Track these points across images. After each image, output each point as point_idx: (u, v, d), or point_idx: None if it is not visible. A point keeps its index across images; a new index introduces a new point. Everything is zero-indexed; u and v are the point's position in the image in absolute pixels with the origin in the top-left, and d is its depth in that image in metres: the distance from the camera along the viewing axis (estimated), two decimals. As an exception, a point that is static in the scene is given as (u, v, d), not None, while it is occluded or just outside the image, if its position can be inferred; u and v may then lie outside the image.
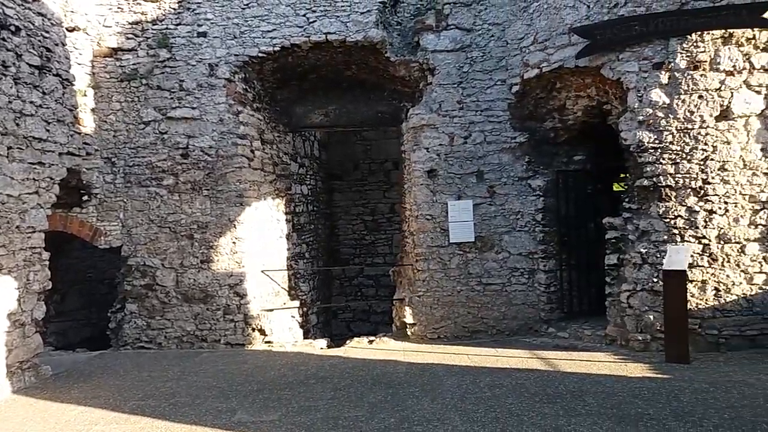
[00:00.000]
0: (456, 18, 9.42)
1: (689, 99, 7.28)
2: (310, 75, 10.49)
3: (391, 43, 9.63)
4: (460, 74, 9.40)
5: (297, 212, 11.79)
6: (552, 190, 9.29)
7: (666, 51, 7.36)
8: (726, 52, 7.14)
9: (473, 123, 9.35)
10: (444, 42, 9.41)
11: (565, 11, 8.25)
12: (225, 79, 9.44)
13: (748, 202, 7.19)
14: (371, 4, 9.40)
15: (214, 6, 9.55)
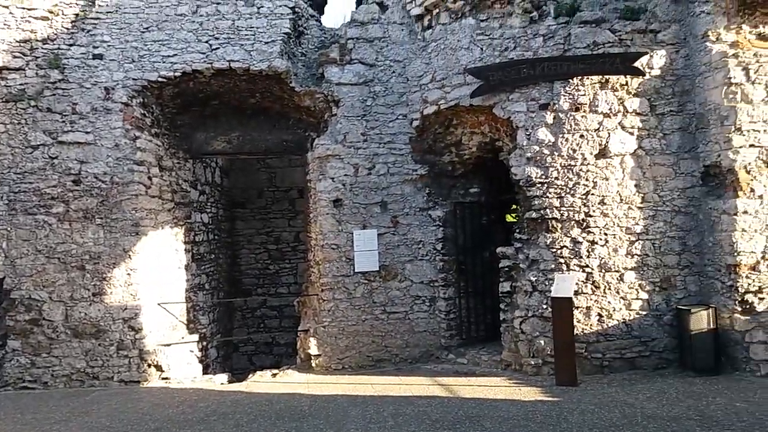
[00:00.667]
0: (359, 53, 9.69)
1: (572, 138, 7.91)
2: (213, 101, 10.36)
3: (296, 74, 9.74)
4: (364, 107, 9.65)
5: (197, 241, 11.47)
6: (451, 220, 9.69)
7: (551, 93, 7.99)
8: (603, 96, 7.86)
9: (377, 155, 9.60)
10: (348, 75, 9.64)
11: (460, 52, 8.73)
12: (122, 103, 9.12)
13: (625, 234, 7.86)
14: (276, 35, 9.47)
15: (112, 28, 9.26)
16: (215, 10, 9.44)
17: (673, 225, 7.88)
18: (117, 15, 9.29)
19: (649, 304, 7.86)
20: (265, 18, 9.51)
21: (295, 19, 9.73)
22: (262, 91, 10.10)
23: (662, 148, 7.90)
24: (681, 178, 7.90)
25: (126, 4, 9.30)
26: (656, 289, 7.87)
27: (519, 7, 8.35)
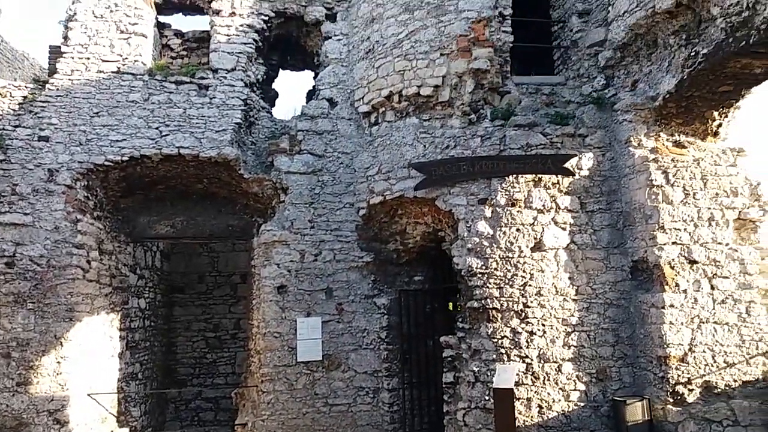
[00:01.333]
0: (309, 144, 10.01)
1: (509, 231, 8.28)
2: (159, 185, 10.36)
3: (245, 161, 9.91)
4: (312, 195, 9.85)
5: (132, 328, 11.07)
6: (395, 308, 9.76)
7: (489, 189, 8.42)
8: (537, 193, 8.34)
9: (324, 241, 9.71)
10: (297, 164, 9.89)
11: (405, 148, 9.16)
12: (65, 185, 9.03)
13: (562, 325, 8.13)
14: (227, 124, 9.72)
15: (61, 111, 9.30)
16: (167, 98, 9.65)
17: (607, 317, 8.22)
18: (67, 99, 9.37)
19: (587, 396, 8.02)
20: (217, 108, 9.78)
21: (247, 110, 10.04)
22: (209, 177, 10.20)
23: (593, 243, 8.36)
24: (612, 272, 8.33)
25: (77, 89, 9.42)
26: (593, 380, 8.07)
27: (458, 110, 8.91)
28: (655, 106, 8.05)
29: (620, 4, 8.46)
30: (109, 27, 9.72)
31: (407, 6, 9.38)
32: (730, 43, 6.88)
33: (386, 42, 9.53)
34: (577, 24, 9.32)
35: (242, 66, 10.05)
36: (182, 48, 12.09)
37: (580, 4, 9.33)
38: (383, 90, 9.45)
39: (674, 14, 7.53)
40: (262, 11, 10.32)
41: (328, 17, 10.53)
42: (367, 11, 9.96)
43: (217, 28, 10.15)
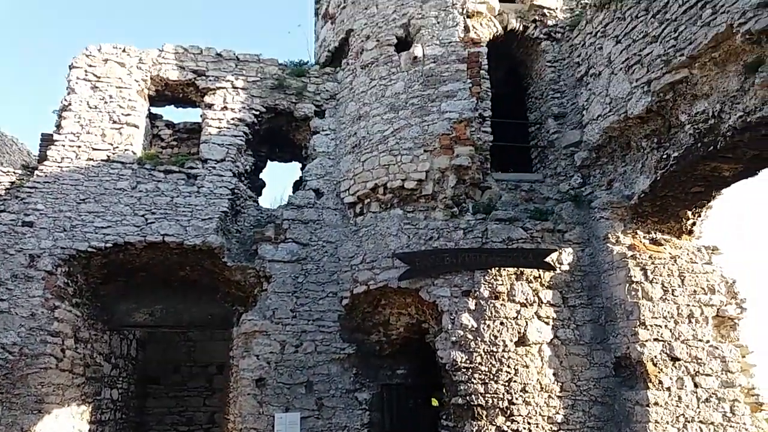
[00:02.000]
0: (294, 233, 10.10)
1: (493, 324, 8.29)
2: (141, 272, 10.29)
3: (230, 249, 9.93)
4: (295, 284, 9.82)
5: (103, 421, 10.60)
6: (377, 403, 9.51)
7: (472, 281, 8.50)
8: (519, 287, 8.43)
9: (305, 332, 9.58)
10: (281, 253, 9.93)
11: (389, 238, 9.29)
12: (46, 271, 8.95)
13: (547, 423, 7.97)
14: (213, 213, 9.81)
15: (47, 198, 9.37)
16: (155, 186, 9.79)
17: (592, 415, 8.10)
18: (55, 185, 9.47)
19: (574, 498, 7.76)
20: (204, 197, 9.91)
21: (234, 199, 10.18)
22: (192, 264, 10.17)
23: (576, 339, 8.38)
24: (596, 368, 8.30)
25: (66, 175, 9.54)
26: (580, 482, 7.83)
27: (441, 203, 9.15)
28: (630, 204, 8.35)
29: (594, 109, 8.96)
30: (102, 117, 9.99)
31: (393, 106, 9.82)
32: (698, 147, 7.27)
33: (372, 138, 9.89)
34: (553, 126, 9.81)
35: (231, 157, 10.29)
36: (173, 138, 12.40)
37: (556, 108, 9.86)
38: (369, 182, 9.70)
39: (645, 119, 7.98)
40: (254, 106, 10.70)
41: (317, 113, 10.94)
42: (355, 109, 10.40)
43: (208, 121, 10.47)
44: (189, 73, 10.67)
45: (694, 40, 7.02)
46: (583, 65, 9.35)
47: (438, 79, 9.67)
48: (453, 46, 9.80)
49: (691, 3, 7.10)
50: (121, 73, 10.35)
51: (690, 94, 7.35)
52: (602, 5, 8.94)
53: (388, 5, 10.44)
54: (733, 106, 6.78)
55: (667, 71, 7.43)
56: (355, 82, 10.55)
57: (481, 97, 9.55)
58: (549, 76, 10.01)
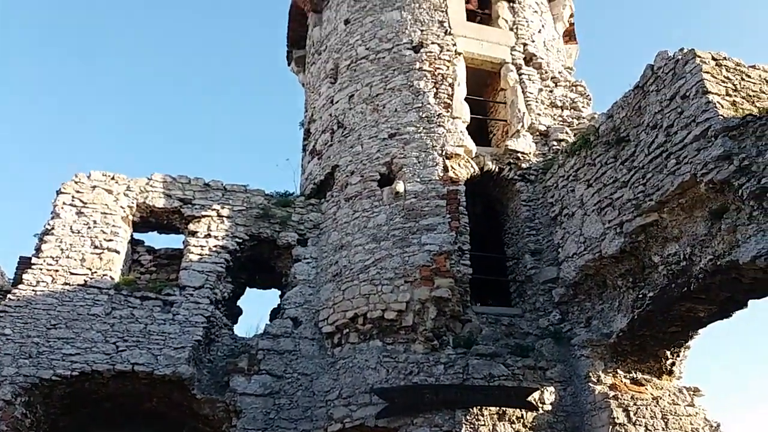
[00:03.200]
0: (268, 364, 9.80)
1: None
2: (106, 403, 9.77)
3: (200, 380, 9.55)
4: (266, 420, 9.35)
5: None
6: None
7: (453, 421, 8.21)
8: (502, 428, 8.16)
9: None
10: (254, 386, 9.56)
11: (367, 371, 9.07)
12: (4, 400, 8.44)
13: None
14: (186, 341, 9.55)
15: (17, 322, 9.09)
16: (130, 313, 9.59)
17: None
18: (26, 310, 9.22)
19: None
20: (179, 324, 9.69)
21: (209, 327, 9.97)
22: (160, 396, 9.73)
23: (561, 485, 7.99)
24: None
25: (39, 300, 9.34)
26: None
27: (422, 336, 9.08)
28: (610, 343, 8.38)
29: (569, 247, 9.25)
30: (84, 242, 10.00)
31: (375, 237, 10.04)
32: (673, 288, 7.46)
33: (354, 267, 9.99)
34: (530, 262, 10.04)
35: (210, 284, 10.23)
36: (152, 264, 12.32)
37: (532, 244, 10.15)
38: (348, 312, 9.65)
39: (619, 259, 8.24)
40: (237, 234, 10.83)
41: (300, 242, 11.08)
42: (337, 239, 10.59)
43: (190, 248, 10.51)
44: (175, 201, 10.88)
45: (661, 186, 7.46)
46: (557, 206, 9.77)
47: (419, 213, 9.99)
48: (433, 184, 10.24)
49: (656, 153, 7.63)
50: (108, 200, 10.52)
51: (661, 236, 7.67)
52: (573, 151, 9.54)
53: (372, 145, 11.01)
54: (703, 250, 7.06)
55: (638, 215, 7.79)
56: (339, 213, 10.84)
57: (460, 231, 9.84)
58: (524, 215, 10.40)
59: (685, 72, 7.42)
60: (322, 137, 12.13)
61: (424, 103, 10.98)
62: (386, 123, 11.07)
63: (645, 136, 7.89)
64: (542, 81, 11.70)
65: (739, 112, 6.92)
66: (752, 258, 6.27)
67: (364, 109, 11.44)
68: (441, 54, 11.46)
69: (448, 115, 10.88)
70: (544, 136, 11.10)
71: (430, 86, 11.13)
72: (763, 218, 6.37)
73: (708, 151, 6.84)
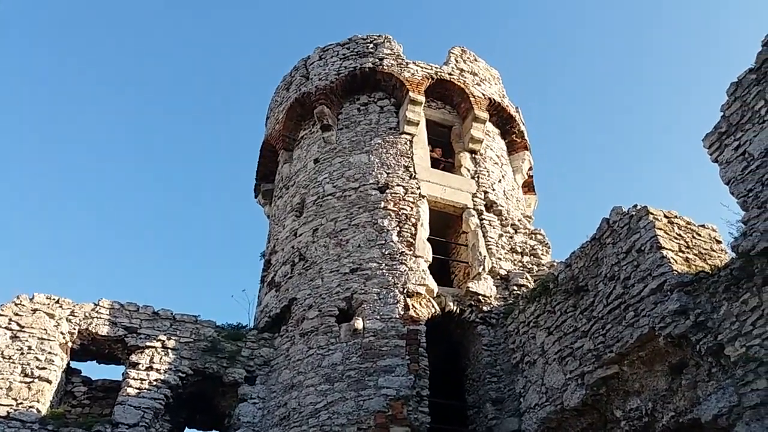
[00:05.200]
0: None
1: None
2: None
3: None
4: None
5: None
6: None
7: None
8: None
9: None
10: None
11: None
12: None
13: None
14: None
15: None
16: None
17: None
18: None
19: None
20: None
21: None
22: None
23: None
24: None
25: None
26: None
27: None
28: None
29: (530, 397, 8.92)
30: (14, 369, 9.26)
31: (328, 377, 9.57)
32: (635, 446, 7.13)
33: (303, 410, 9.40)
34: (491, 411, 9.60)
35: (146, 422, 9.46)
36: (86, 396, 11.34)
37: (494, 392, 9.77)
38: (293, 463, 8.90)
39: (582, 412, 7.95)
40: (181, 368, 10.21)
41: (247, 379, 10.48)
42: (288, 377, 10.06)
43: (129, 381, 9.84)
44: (120, 330, 10.35)
45: (621, 338, 7.41)
46: (518, 352, 9.57)
47: (377, 353, 9.64)
48: (393, 322, 10.00)
49: (615, 305, 7.67)
50: (48, 325, 9.93)
51: (623, 389, 7.48)
52: (533, 298, 9.55)
53: (333, 279, 10.87)
54: (664, 405, 6.88)
55: (599, 366, 7.65)
56: (293, 349, 10.40)
57: (419, 374, 9.47)
58: (486, 360, 10.12)
59: (639, 227, 7.68)
60: (282, 269, 11.96)
61: (388, 241, 11.05)
62: (349, 258, 11.02)
63: (603, 287, 7.97)
64: (502, 227, 12.00)
65: (692, 269, 7.10)
66: (713, 417, 6.10)
67: (328, 242, 11.44)
68: (405, 195, 11.76)
69: (411, 253, 10.93)
70: (505, 280, 11.16)
71: (393, 224, 11.27)
72: (722, 375, 6.29)
73: (665, 305, 6.90)
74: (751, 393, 5.79)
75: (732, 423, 5.93)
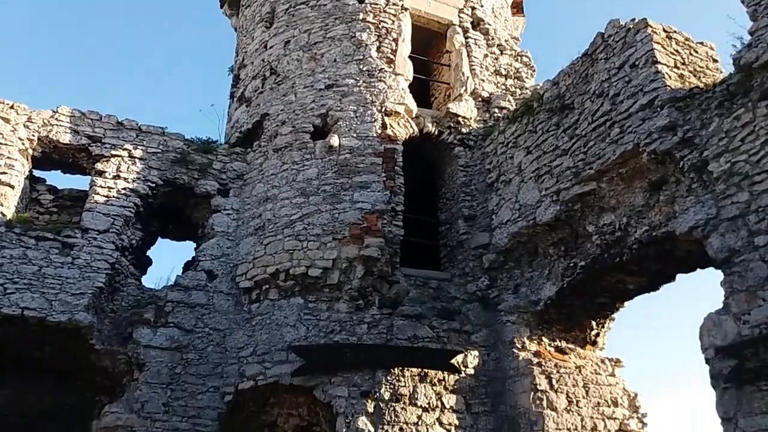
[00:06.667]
0: (177, 317, 9.08)
1: (392, 430, 7.61)
2: (-13, 351, 8.74)
3: (100, 330, 8.74)
4: (172, 375, 8.68)
5: None
6: None
7: (372, 381, 7.89)
8: (423, 390, 7.92)
9: (177, 430, 8.34)
10: (160, 339, 8.84)
11: (285, 329, 8.57)
12: None
13: None
14: (87, 287, 8.68)
15: None
16: (22, 253, 8.61)
17: None
18: None
19: None
20: (79, 269, 8.80)
21: (113, 275, 9.13)
22: (53, 345, 8.82)
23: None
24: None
25: None
26: None
27: (347, 294, 8.68)
28: (537, 310, 8.31)
29: (503, 214, 9.08)
30: (-27, 172, 8.84)
31: (303, 191, 9.49)
32: (605, 258, 7.42)
33: (279, 221, 9.41)
34: (463, 227, 9.81)
35: (117, 229, 9.36)
36: (53, 204, 11.16)
37: (466, 210, 9.92)
38: (269, 267, 9.09)
39: (553, 227, 8.14)
40: (150, 178, 9.94)
41: (220, 191, 10.33)
42: (263, 191, 9.94)
43: (96, 189, 9.57)
44: (83, 138, 9.86)
45: (602, 155, 7.37)
46: (494, 172, 9.58)
47: (353, 169, 9.51)
48: (370, 140, 9.77)
49: (600, 122, 7.53)
50: (4, 130, 9.37)
51: (598, 206, 7.61)
52: (515, 118, 9.36)
53: (307, 95, 10.37)
54: (639, 221, 7.04)
55: (576, 183, 7.69)
56: (266, 164, 10.17)
57: (394, 191, 9.46)
58: (461, 180, 10.14)
59: (636, 41, 7.32)
60: (252, 84, 11.33)
61: (366, 56, 10.44)
62: (324, 73, 10.45)
63: (590, 104, 7.77)
64: (488, 47, 11.44)
65: (686, 85, 6.89)
66: (689, 229, 6.26)
67: (301, 56, 10.76)
68: (386, 7, 10.93)
69: (390, 71, 10.41)
70: (487, 102, 10.85)
71: (372, 39, 10.59)
72: (702, 191, 6.37)
73: (653, 121, 6.78)
74: (731, 205, 5.90)
75: (706, 235, 6.10)
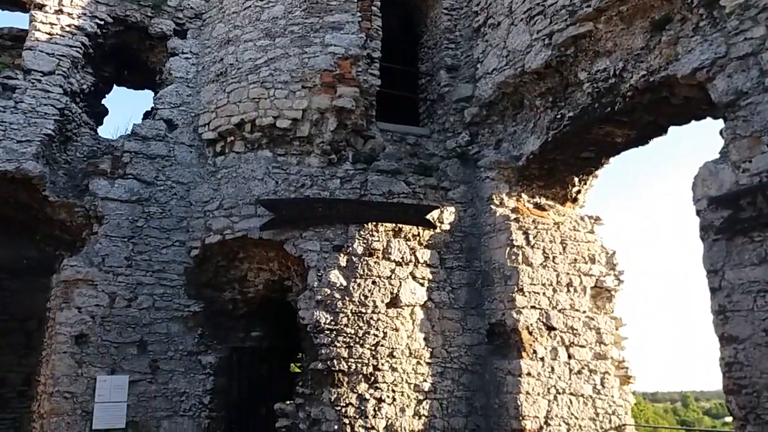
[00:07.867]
0: (136, 168, 8.51)
1: (364, 284, 7.47)
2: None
3: (54, 182, 8.16)
4: (134, 228, 8.28)
5: None
6: (225, 368, 8.34)
7: (346, 236, 7.61)
8: (396, 244, 7.69)
9: (141, 284, 8.11)
10: (118, 191, 8.32)
11: (253, 183, 8.09)
12: None
13: (414, 392, 7.35)
14: (34, 135, 7.96)
15: None
16: (-38, 96, 7.74)
17: (461, 384, 7.63)
18: None
19: (436, 473, 7.22)
20: (24, 114, 8.02)
21: (63, 122, 8.37)
22: (4, 196, 8.25)
23: (450, 302, 7.86)
24: (468, 335, 7.83)
25: None
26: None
27: (318, 148, 8.16)
28: (518, 166, 7.91)
29: (489, 62, 8.36)
30: None
31: (269, 32, 8.56)
32: (595, 108, 6.90)
33: (242, 66, 8.57)
34: (445, 78, 9.10)
35: (63, 71, 8.44)
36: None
37: (449, 59, 9.14)
38: (234, 117, 8.41)
39: (542, 75, 7.50)
40: (98, 14, 8.86)
41: (177, 33, 9.33)
42: (224, 32, 8.97)
43: (37, 24, 8.51)
44: (19, -34, 8.59)
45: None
46: (482, 15, 8.70)
47: (324, 7, 8.54)
48: (343, -26, 8.69)
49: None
50: None
51: (592, 50, 6.95)
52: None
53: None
54: (636, 65, 6.44)
55: (571, 23, 6.96)
56: (227, 1, 9.10)
57: (371, 35, 8.57)
58: (444, 25, 9.24)
59: None
60: None
61: None
62: None
63: (593, -68, 6.80)
64: None
65: None
66: (692, 71, 5.71)
67: None
68: None
69: None
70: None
71: None
72: (711, 29, 5.73)
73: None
74: (743, 42, 5.30)
75: (711, 76, 5.56)
